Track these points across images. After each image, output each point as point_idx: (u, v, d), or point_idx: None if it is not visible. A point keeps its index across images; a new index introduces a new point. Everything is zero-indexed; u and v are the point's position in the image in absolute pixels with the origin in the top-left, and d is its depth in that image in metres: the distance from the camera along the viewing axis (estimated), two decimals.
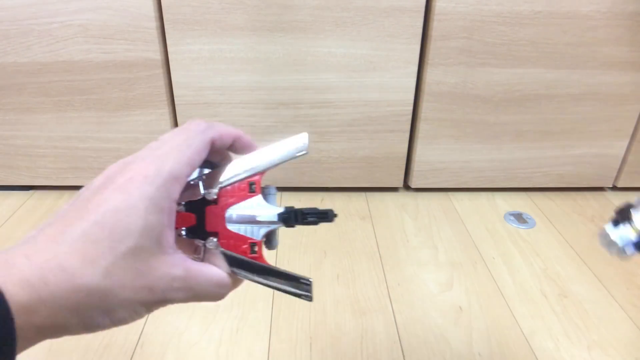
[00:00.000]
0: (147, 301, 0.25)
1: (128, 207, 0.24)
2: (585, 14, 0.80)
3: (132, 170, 0.26)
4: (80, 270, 0.22)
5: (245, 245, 0.28)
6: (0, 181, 0.95)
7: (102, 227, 0.23)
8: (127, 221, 0.24)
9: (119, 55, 0.82)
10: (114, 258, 0.23)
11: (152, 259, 0.24)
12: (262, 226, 0.29)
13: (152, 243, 0.24)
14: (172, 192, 0.25)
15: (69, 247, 0.23)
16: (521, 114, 0.89)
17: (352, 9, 0.79)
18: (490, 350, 0.62)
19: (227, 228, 0.28)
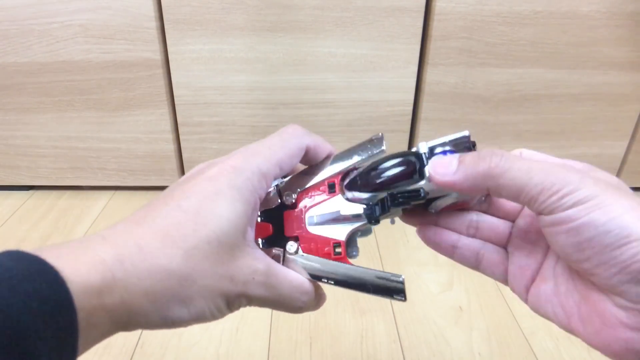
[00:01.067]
0: (228, 292, 0.23)
1: (215, 192, 0.23)
2: (585, 14, 0.80)
3: (222, 162, 0.25)
4: (160, 250, 0.21)
5: (328, 247, 0.27)
6: (0, 181, 0.95)
7: (187, 210, 0.23)
8: (213, 206, 0.23)
9: (119, 55, 0.82)
10: (196, 241, 0.22)
11: (235, 248, 0.23)
12: (346, 224, 0.27)
13: (236, 232, 0.23)
14: (258, 187, 0.25)
15: (150, 229, 0.22)
16: (521, 114, 0.89)
17: (352, 9, 0.79)
18: (490, 350, 0.62)
19: (308, 230, 0.27)
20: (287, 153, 0.26)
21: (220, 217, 0.23)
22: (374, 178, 0.26)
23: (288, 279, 0.25)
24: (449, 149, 0.27)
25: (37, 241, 0.82)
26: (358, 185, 0.27)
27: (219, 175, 0.24)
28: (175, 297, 0.22)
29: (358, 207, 0.27)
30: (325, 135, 0.90)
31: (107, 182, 0.95)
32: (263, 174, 0.25)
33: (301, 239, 0.27)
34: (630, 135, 0.92)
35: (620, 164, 0.96)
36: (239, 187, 0.24)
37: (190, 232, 0.22)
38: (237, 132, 0.90)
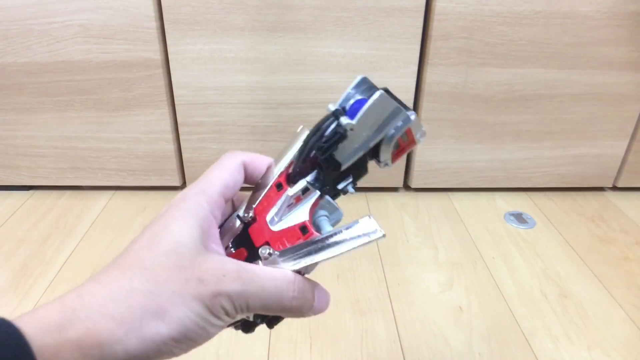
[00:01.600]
0: (200, 293, 0.22)
1: (166, 220, 0.24)
2: (585, 14, 0.80)
3: (167, 204, 0.27)
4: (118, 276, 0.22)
5: (296, 233, 0.27)
6: (0, 181, 0.95)
7: (140, 240, 0.24)
8: (164, 228, 0.24)
9: (119, 55, 0.82)
10: (153, 258, 0.23)
11: (196, 255, 0.23)
12: (301, 205, 0.27)
13: (192, 240, 0.24)
14: (206, 204, 0.26)
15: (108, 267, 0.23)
16: (521, 114, 0.89)
17: (352, 9, 0.79)
18: (490, 350, 0.62)
19: (273, 230, 0.27)
20: (224, 170, 0.28)
21: (174, 233, 0.23)
22: (306, 155, 0.27)
23: (266, 271, 0.25)
24: (359, 97, 0.27)
25: (37, 241, 0.82)
26: (298, 172, 0.28)
27: (168, 209, 0.25)
28: (146, 313, 0.21)
29: (300, 183, 0.27)
30: None
31: (107, 182, 0.95)
32: (206, 192, 0.26)
33: (271, 242, 0.27)
34: (630, 135, 0.92)
35: (620, 164, 0.96)
36: (186, 209, 0.25)
37: (145, 254, 0.23)
38: (237, 132, 0.90)
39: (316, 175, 0.28)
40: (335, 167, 0.27)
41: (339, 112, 0.26)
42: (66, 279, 0.73)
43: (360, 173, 0.29)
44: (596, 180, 0.97)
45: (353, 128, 0.26)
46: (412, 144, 0.28)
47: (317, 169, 0.27)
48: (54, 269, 0.75)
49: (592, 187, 0.98)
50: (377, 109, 0.26)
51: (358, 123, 0.26)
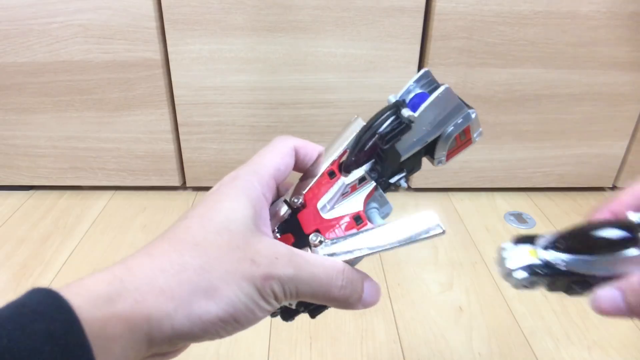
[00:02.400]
0: (252, 274, 0.22)
1: (218, 197, 0.24)
2: (585, 14, 0.80)
3: (218, 183, 0.26)
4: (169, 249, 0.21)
5: (350, 223, 0.26)
6: (0, 181, 0.95)
7: (192, 216, 0.23)
8: (217, 205, 0.24)
9: (119, 55, 0.82)
10: (205, 234, 0.22)
11: (249, 235, 0.23)
12: (356, 194, 0.27)
13: (244, 219, 0.23)
14: (258, 185, 0.25)
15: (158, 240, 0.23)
16: (521, 114, 0.89)
17: (352, 9, 0.79)
18: (490, 350, 0.62)
19: (324, 218, 0.27)
20: (276, 153, 0.27)
21: (227, 211, 0.23)
22: (364, 144, 0.27)
23: (316, 258, 0.24)
24: (419, 91, 0.28)
25: (37, 241, 0.82)
26: (353, 161, 0.27)
27: (219, 187, 0.25)
28: (197, 289, 0.21)
29: (359, 171, 0.27)
30: (326, 135, 0.90)
31: (107, 182, 0.95)
32: (259, 174, 0.26)
33: (322, 230, 0.26)
34: (630, 135, 0.92)
35: (620, 164, 0.95)
36: (239, 187, 0.25)
37: (197, 229, 0.22)
38: (237, 132, 0.90)
39: (372, 165, 0.27)
40: (395, 159, 0.27)
41: (400, 104, 0.27)
42: (66, 279, 0.73)
43: (414, 168, 0.29)
44: (596, 180, 0.97)
45: (414, 121, 0.26)
46: (468, 143, 0.28)
47: (374, 159, 0.27)
48: (54, 269, 0.75)
49: (592, 187, 0.98)
50: (441, 103, 0.26)
51: (420, 116, 0.26)
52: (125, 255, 0.22)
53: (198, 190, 0.98)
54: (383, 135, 0.26)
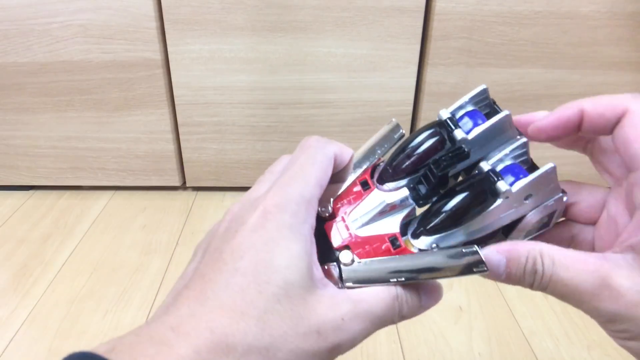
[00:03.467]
0: (318, 350, 0.20)
1: (266, 242, 0.21)
2: (585, 14, 0.80)
3: (260, 205, 0.22)
4: (231, 327, 0.19)
5: (385, 244, 0.24)
6: (0, 181, 0.95)
7: (245, 272, 0.20)
8: (270, 257, 0.20)
9: (119, 55, 0.82)
10: (265, 303, 0.19)
11: (308, 296, 0.20)
12: (394, 214, 0.24)
13: (302, 276, 0.21)
14: (307, 217, 0.22)
15: (214, 305, 0.19)
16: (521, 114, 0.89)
17: (352, 9, 0.79)
18: (490, 350, 0.62)
19: (356, 235, 0.24)
20: (319, 168, 0.24)
21: (281, 269, 0.20)
22: (405, 160, 0.25)
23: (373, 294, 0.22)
24: (471, 108, 0.26)
25: (37, 241, 0.82)
26: (391, 173, 0.25)
27: (264, 221, 0.21)
28: None
29: (402, 192, 0.25)
30: (326, 135, 0.90)
31: (107, 182, 0.95)
32: (307, 200, 0.22)
33: (352, 246, 0.24)
34: None
35: None
36: (289, 226, 0.21)
37: (256, 296, 0.20)
38: (237, 132, 0.90)
39: (412, 183, 0.25)
40: (444, 184, 0.25)
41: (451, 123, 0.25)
42: (66, 279, 0.73)
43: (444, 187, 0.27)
44: (596, 180, 0.97)
45: (469, 145, 0.24)
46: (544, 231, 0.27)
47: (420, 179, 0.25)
48: (54, 269, 0.75)
49: None
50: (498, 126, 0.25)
51: (473, 140, 0.24)
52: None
53: (198, 190, 0.98)
54: (439, 161, 0.24)
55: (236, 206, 0.24)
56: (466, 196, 0.24)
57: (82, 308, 0.68)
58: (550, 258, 0.22)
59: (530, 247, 0.23)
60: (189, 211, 0.91)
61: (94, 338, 0.63)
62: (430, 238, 0.24)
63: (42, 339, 0.63)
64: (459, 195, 0.24)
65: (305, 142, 0.26)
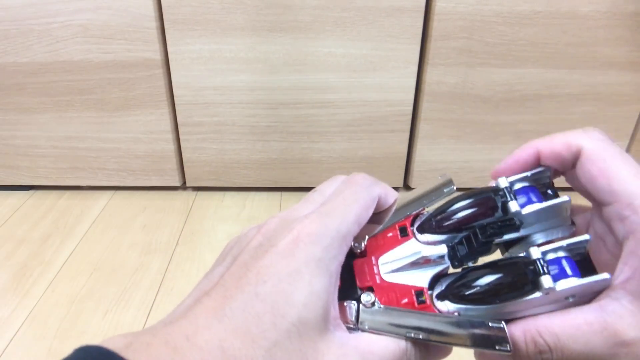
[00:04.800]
0: None
1: (291, 273, 0.20)
2: (585, 14, 0.80)
3: (295, 229, 0.22)
4: (240, 351, 0.19)
5: (409, 296, 0.23)
6: (0, 181, 0.95)
7: (264, 299, 0.20)
8: (290, 290, 0.20)
9: (119, 55, 0.82)
10: (277, 336, 0.19)
11: (318, 339, 0.20)
12: (426, 268, 0.24)
13: (317, 317, 0.20)
14: (339, 254, 0.22)
15: (230, 324, 0.20)
16: (521, 114, 0.89)
17: (352, 9, 0.79)
18: None
19: (384, 279, 0.24)
20: (362, 206, 0.23)
21: (299, 305, 0.20)
22: (452, 216, 0.24)
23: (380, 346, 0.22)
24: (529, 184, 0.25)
25: (37, 241, 0.82)
26: (433, 225, 0.25)
27: (295, 249, 0.21)
28: None
29: (441, 248, 0.24)
30: (326, 135, 0.90)
31: (107, 182, 0.95)
32: (343, 236, 0.22)
33: (376, 289, 0.23)
34: (630, 135, 0.92)
35: None
36: (318, 260, 0.21)
37: (269, 327, 0.20)
38: (237, 132, 0.90)
39: (455, 244, 0.24)
40: (485, 251, 0.24)
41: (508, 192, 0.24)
42: (66, 278, 0.73)
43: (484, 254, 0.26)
44: None
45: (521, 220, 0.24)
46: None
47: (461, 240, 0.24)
48: (54, 269, 0.75)
49: None
50: (555, 209, 0.24)
51: (527, 215, 0.24)
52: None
53: (198, 190, 0.98)
54: (485, 228, 0.24)
55: (275, 221, 0.23)
56: (504, 277, 0.23)
57: (82, 308, 0.68)
58: (552, 334, 0.22)
59: (526, 329, 0.22)
60: (189, 211, 0.91)
61: (94, 338, 0.63)
62: (454, 305, 0.23)
63: (42, 339, 0.63)
64: (497, 274, 0.23)
65: (353, 178, 0.25)
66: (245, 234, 0.24)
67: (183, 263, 0.77)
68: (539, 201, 0.24)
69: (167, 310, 0.72)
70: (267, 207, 0.93)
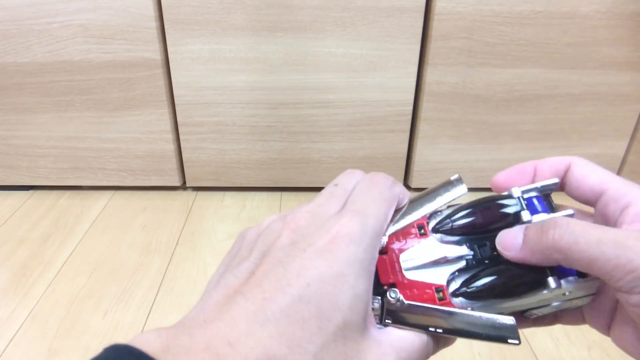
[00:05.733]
0: None
1: (335, 275, 0.20)
2: (585, 14, 0.80)
3: (333, 228, 0.21)
4: (287, 358, 0.19)
5: (430, 292, 0.24)
6: (0, 181, 0.95)
7: (308, 302, 0.19)
8: (335, 293, 0.20)
9: (119, 55, 0.82)
10: (323, 340, 0.19)
11: (361, 340, 0.21)
12: (446, 266, 0.25)
13: (360, 319, 0.21)
14: (376, 254, 0.22)
15: (274, 329, 0.19)
16: (521, 114, 0.89)
17: (352, 9, 0.79)
18: (490, 350, 0.62)
19: (405, 276, 0.25)
20: (389, 205, 0.24)
21: (345, 308, 0.20)
22: (467, 221, 0.26)
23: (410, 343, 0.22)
24: (535, 194, 0.26)
25: (37, 241, 0.82)
26: (449, 227, 0.26)
27: (335, 249, 0.21)
28: None
29: (463, 249, 0.25)
30: (326, 135, 0.90)
31: (107, 182, 0.95)
32: (378, 235, 0.22)
33: (399, 286, 0.24)
34: (630, 135, 0.92)
35: (620, 164, 0.96)
36: (359, 262, 0.21)
37: (316, 331, 0.19)
38: (237, 132, 0.90)
39: (470, 245, 0.26)
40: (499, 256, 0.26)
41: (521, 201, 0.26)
42: (66, 278, 0.73)
43: None
44: None
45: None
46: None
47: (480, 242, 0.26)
48: (54, 269, 0.75)
49: None
50: None
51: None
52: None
53: (198, 190, 0.98)
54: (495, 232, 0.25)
55: (305, 217, 0.23)
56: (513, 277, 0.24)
57: (82, 308, 0.68)
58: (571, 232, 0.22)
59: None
60: (189, 211, 0.91)
61: (94, 338, 0.63)
62: (468, 302, 0.25)
63: (42, 339, 0.63)
64: (507, 274, 0.24)
65: (374, 177, 0.25)
66: (268, 227, 0.23)
67: (183, 263, 0.77)
68: (545, 212, 0.26)
69: (167, 310, 0.72)
70: (267, 207, 0.93)
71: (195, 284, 0.73)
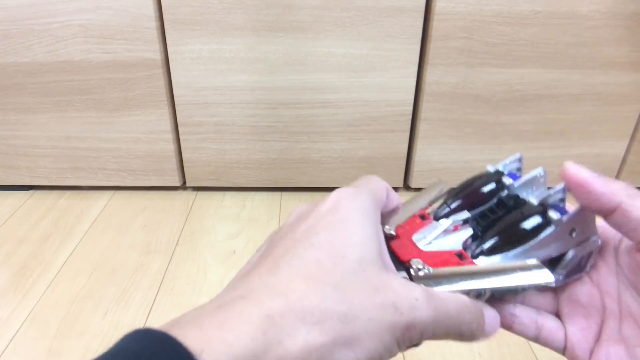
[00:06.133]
0: (394, 323, 0.20)
1: (341, 220, 0.21)
2: (585, 14, 0.80)
3: (332, 195, 0.23)
4: (307, 292, 0.19)
5: (452, 258, 0.25)
6: (0, 181, 0.95)
7: (319, 246, 0.20)
8: (345, 234, 0.21)
9: (119, 55, 0.82)
10: (342, 273, 0.19)
11: (381, 274, 0.21)
12: (454, 234, 0.26)
13: (375, 255, 0.21)
14: (376, 209, 0.23)
15: (289, 273, 0.20)
16: (521, 114, 0.89)
17: (352, 9, 0.79)
18: (490, 350, 0.62)
19: (422, 250, 0.25)
20: (381, 188, 0.25)
21: (357, 245, 0.21)
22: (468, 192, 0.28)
23: (446, 294, 0.22)
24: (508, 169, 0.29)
25: (37, 241, 0.82)
26: (450, 211, 0.28)
27: (338, 205, 0.22)
28: (339, 339, 0.18)
29: (464, 214, 0.27)
30: (326, 135, 0.90)
31: (107, 182, 0.95)
32: (374, 196, 0.24)
33: (421, 257, 0.25)
34: (630, 135, 0.92)
35: (620, 164, 0.96)
36: (363, 210, 0.22)
37: (331, 269, 0.20)
38: (237, 132, 0.90)
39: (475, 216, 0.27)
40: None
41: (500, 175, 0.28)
42: (66, 278, 0.73)
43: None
44: None
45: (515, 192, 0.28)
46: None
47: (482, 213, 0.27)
48: (54, 269, 0.75)
49: None
50: (536, 180, 0.29)
51: (518, 187, 0.28)
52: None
53: (198, 190, 0.98)
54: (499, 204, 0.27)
55: (303, 206, 0.25)
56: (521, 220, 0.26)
57: (82, 308, 0.68)
58: None
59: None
60: (189, 211, 0.91)
61: (94, 338, 0.63)
62: (489, 259, 0.25)
63: (42, 339, 0.63)
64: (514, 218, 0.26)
65: (367, 176, 0.27)
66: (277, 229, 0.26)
67: (183, 263, 0.77)
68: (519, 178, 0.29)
69: (167, 310, 0.72)
70: (267, 207, 0.93)
71: (195, 284, 0.73)
